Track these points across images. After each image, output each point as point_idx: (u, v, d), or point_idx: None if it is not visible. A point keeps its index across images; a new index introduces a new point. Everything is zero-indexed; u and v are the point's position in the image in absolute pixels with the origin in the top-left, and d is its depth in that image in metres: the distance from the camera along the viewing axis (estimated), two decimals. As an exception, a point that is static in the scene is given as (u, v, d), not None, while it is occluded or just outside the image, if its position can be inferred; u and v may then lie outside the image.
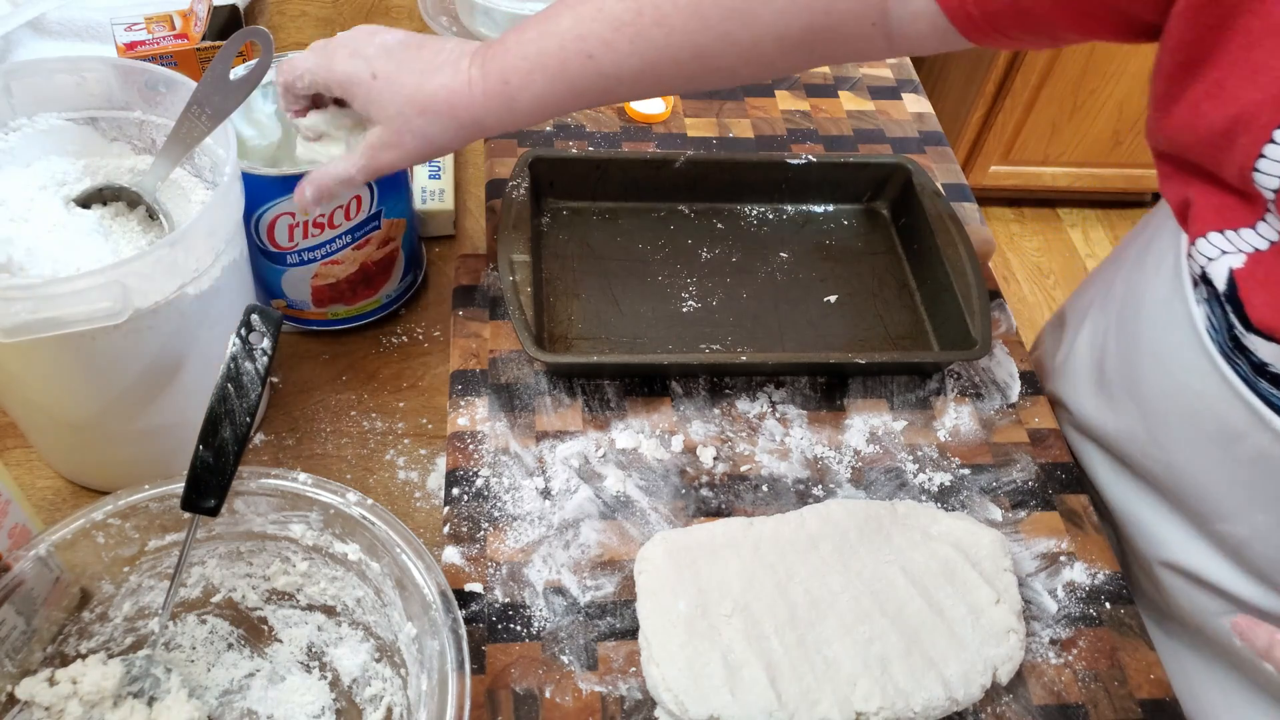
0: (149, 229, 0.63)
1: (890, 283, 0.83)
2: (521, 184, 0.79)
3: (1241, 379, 0.59)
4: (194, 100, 0.61)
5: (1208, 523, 0.65)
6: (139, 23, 0.87)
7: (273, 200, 0.68)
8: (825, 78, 1.03)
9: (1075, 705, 0.60)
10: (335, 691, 0.59)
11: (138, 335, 0.57)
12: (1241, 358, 0.59)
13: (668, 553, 0.61)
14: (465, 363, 0.73)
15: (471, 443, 0.69)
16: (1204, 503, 0.65)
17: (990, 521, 0.68)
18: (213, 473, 0.54)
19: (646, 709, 0.58)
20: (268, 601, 0.61)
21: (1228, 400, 0.60)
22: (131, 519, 0.56)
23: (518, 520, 0.65)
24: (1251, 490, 0.61)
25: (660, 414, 0.72)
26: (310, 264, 0.73)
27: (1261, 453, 0.59)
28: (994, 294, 0.83)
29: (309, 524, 0.58)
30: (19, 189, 0.62)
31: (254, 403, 0.55)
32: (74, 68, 0.64)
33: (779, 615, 0.58)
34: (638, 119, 0.94)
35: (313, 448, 0.72)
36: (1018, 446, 0.73)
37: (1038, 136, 2.22)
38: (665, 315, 0.78)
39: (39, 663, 0.55)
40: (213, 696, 0.58)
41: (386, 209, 0.73)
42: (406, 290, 0.82)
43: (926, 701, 0.57)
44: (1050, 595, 0.65)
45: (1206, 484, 0.64)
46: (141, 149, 0.68)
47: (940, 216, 0.81)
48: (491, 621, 0.60)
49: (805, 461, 0.70)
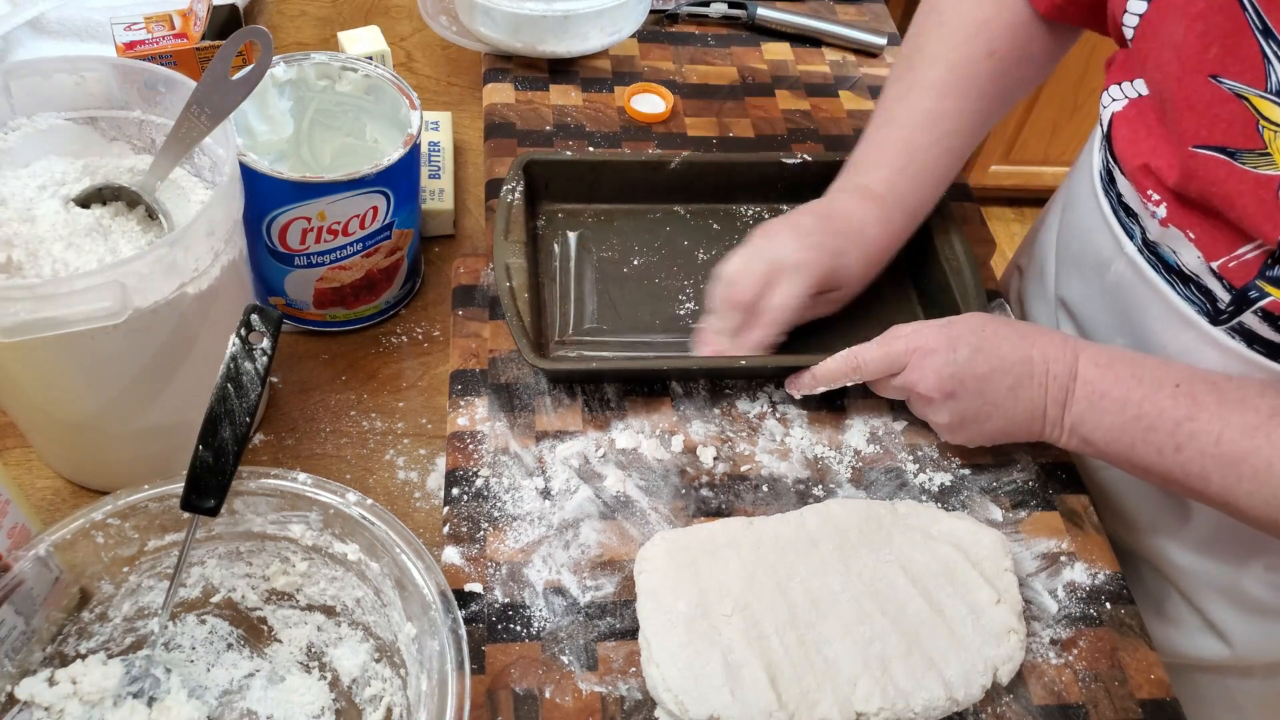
0: (148, 229, 0.63)
1: (890, 282, 0.83)
2: (516, 187, 0.79)
3: (1111, 210, 0.71)
4: (193, 100, 0.61)
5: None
6: (138, 22, 0.87)
7: (289, 205, 0.68)
8: (825, 78, 1.03)
9: (1075, 705, 0.60)
10: (335, 692, 0.59)
11: (137, 335, 0.57)
12: (1112, 191, 0.71)
13: (668, 553, 0.61)
14: (465, 362, 0.73)
15: (471, 443, 0.69)
16: (1090, 327, 0.76)
17: (990, 521, 0.68)
18: (212, 473, 0.54)
19: (646, 709, 0.58)
20: (267, 602, 0.61)
21: (1102, 230, 0.72)
22: (131, 519, 0.56)
23: (518, 520, 0.65)
24: (1115, 314, 0.72)
25: (660, 414, 0.72)
26: (318, 267, 0.73)
27: (1121, 278, 0.71)
28: (994, 294, 0.83)
29: (308, 524, 0.58)
30: (18, 189, 0.62)
31: (254, 403, 0.55)
32: (73, 67, 0.64)
33: (779, 615, 0.58)
34: (638, 118, 0.94)
35: (312, 448, 0.72)
36: (1018, 447, 0.73)
37: (1038, 136, 2.22)
38: (663, 317, 0.78)
39: (39, 663, 0.55)
40: (212, 697, 0.58)
41: (399, 220, 0.74)
42: (405, 297, 0.82)
43: (927, 702, 0.57)
44: (1050, 595, 0.65)
45: (1091, 311, 0.76)
46: (141, 149, 0.68)
47: (940, 216, 0.81)
48: (491, 622, 0.60)
49: (805, 461, 0.70)
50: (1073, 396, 0.63)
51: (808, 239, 0.71)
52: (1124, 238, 0.70)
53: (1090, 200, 0.74)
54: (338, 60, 0.76)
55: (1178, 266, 0.65)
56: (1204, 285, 0.63)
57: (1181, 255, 0.64)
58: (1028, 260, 0.91)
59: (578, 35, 0.94)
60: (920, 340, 0.65)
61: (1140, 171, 0.65)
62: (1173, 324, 0.66)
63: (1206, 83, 0.56)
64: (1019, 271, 0.92)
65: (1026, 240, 0.93)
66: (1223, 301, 0.62)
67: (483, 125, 0.93)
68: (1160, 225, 0.64)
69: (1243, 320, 0.61)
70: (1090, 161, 0.75)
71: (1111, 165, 0.70)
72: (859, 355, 0.67)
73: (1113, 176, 0.70)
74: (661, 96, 0.96)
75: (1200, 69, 0.57)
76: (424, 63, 1.05)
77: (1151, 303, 0.68)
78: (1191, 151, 0.59)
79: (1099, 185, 0.73)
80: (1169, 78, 0.59)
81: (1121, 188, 0.69)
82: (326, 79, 0.77)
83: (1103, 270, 0.73)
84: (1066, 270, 0.80)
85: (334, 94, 0.77)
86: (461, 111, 0.99)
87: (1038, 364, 0.63)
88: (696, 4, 1.07)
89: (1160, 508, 0.74)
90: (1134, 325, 0.70)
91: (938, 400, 0.65)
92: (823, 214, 0.73)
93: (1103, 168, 0.72)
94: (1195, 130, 0.58)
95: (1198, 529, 0.72)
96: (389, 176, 0.70)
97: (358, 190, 0.69)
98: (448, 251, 0.87)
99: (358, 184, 0.69)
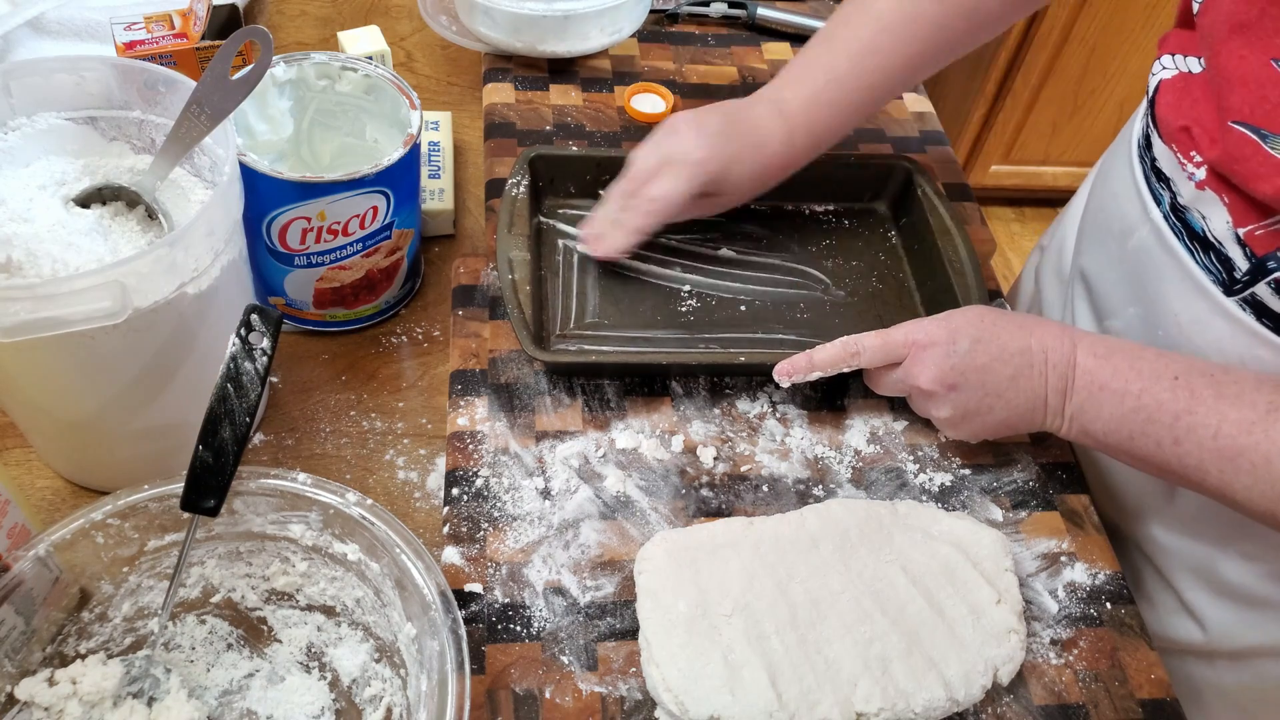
0: (148, 229, 0.63)
1: (890, 282, 0.83)
2: (521, 182, 0.79)
3: (1144, 176, 0.71)
4: (193, 100, 0.61)
5: (1103, 319, 0.77)
6: (138, 22, 0.87)
7: (289, 204, 0.68)
8: (825, 77, 1.03)
9: (1076, 705, 0.60)
10: (335, 692, 0.59)
11: (137, 335, 0.57)
12: (1148, 156, 0.71)
13: (668, 553, 0.61)
14: (465, 362, 0.73)
15: (471, 443, 0.69)
16: (1103, 298, 0.77)
17: (991, 521, 0.68)
18: (212, 473, 0.54)
19: (646, 709, 0.58)
20: (267, 602, 0.61)
21: (1130, 197, 0.72)
22: (131, 519, 0.56)
23: (517, 520, 0.65)
24: (1130, 283, 0.72)
25: (660, 414, 0.72)
26: (318, 267, 0.73)
27: (1143, 244, 0.70)
28: (994, 294, 0.83)
29: (308, 524, 0.58)
30: (18, 189, 0.62)
31: (254, 403, 0.55)
32: (73, 67, 0.64)
33: (779, 615, 0.58)
34: (638, 118, 0.94)
35: (312, 448, 0.72)
36: (1018, 446, 0.73)
37: (1038, 136, 2.22)
38: (664, 314, 0.78)
39: (38, 663, 0.55)
40: (212, 697, 0.58)
41: (399, 220, 0.74)
42: (405, 297, 0.82)
43: (927, 702, 0.57)
44: (1051, 595, 0.65)
45: (1107, 280, 0.76)
46: (141, 148, 0.67)
47: (941, 216, 0.81)
48: (491, 622, 0.60)
49: (806, 461, 0.70)
50: (1073, 386, 0.63)
51: (707, 139, 0.72)
52: (1151, 204, 0.70)
53: (1124, 168, 0.74)
54: (338, 60, 0.76)
55: (1202, 232, 0.65)
56: (1224, 254, 0.64)
57: (1210, 220, 0.64)
58: (1049, 238, 0.92)
59: (578, 35, 0.94)
60: (920, 333, 0.66)
61: (1181, 133, 0.65)
62: (1187, 292, 0.67)
63: (1267, 65, 0.57)
64: (1040, 250, 0.94)
65: (1051, 225, 0.95)
66: (1240, 270, 0.63)
67: (483, 125, 0.93)
68: (1196, 188, 0.65)
69: (1255, 291, 0.62)
70: (1128, 134, 0.76)
71: (1151, 130, 0.70)
72: (859, 342, 0.67)
73: (1150, 142, 0.70)
74: (661, 96, 0.96)
75: (1267, 51, 0.57)
76: (424, 63, 1.05)
77: (1169, 270, 0.68)
78: (1229, 125, 0.60)
79: (1135, 151, 0.73)
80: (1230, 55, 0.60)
81: (1158, 152, 0.69)
82: (326, 79, 0.77)
83: (1125, 238, 0.73)
84: (1088, 240, 0.80)
85: (334, 94, 0.77)
86: (461, 111, 0.99)
87: (1037, 353, 0.64)
88: (697, 4, 1.07)
89: (1146, 485, 0.74)
90: (1149, 293, 0.70)
91: (939, 394, 0.65)
92: (732, 118, 0.74)
93: (1142, 134, 0.72)
94: (1239, 106, 0.59)
95: (1181, 508, 0.72)
96: (389, 176, 0.70)
97: (358, 190, 0.69)
98: (448, 251, 0.87)
99: (358, 184, 0.69)
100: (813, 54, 0.77)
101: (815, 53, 0.77)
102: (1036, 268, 0.93)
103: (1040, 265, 0.92)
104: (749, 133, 0.74)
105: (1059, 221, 0.91)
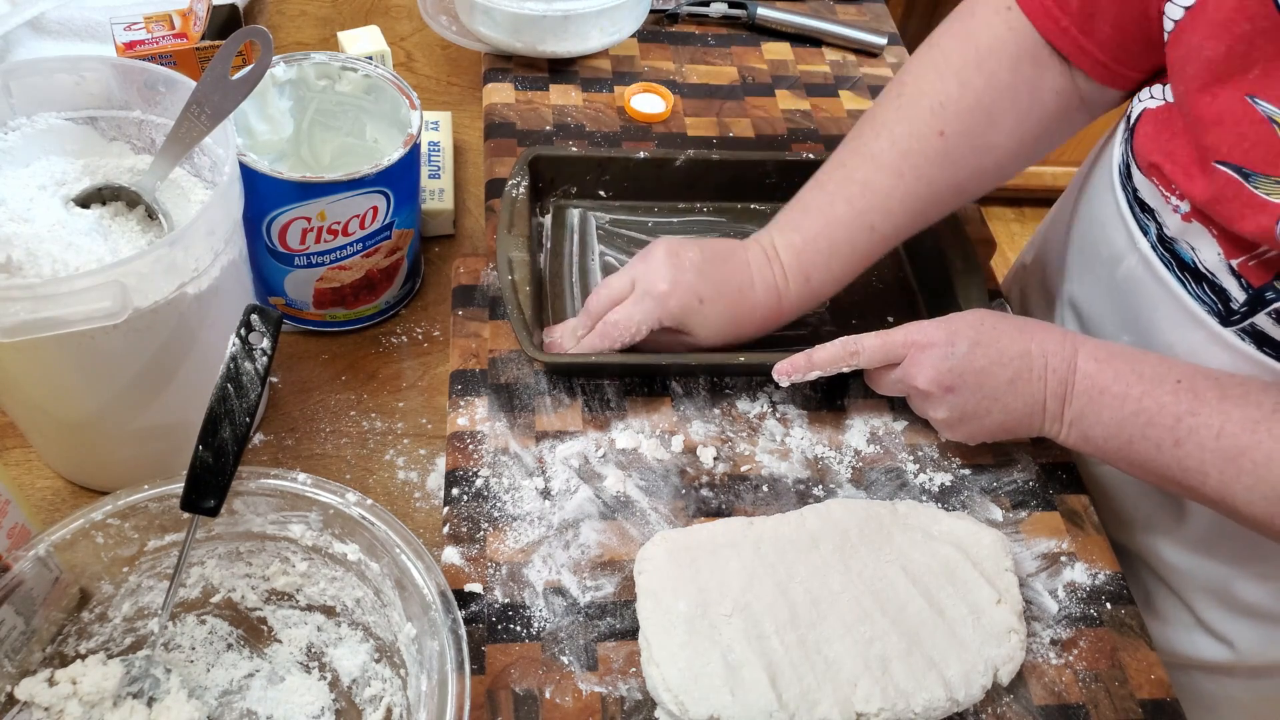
0: (148, 229, 0.63)
1: (890, 282, 0.83)
2: (521, 182, 0.79)
3: (1127, 205, 0.70)
4: (193, 100, 0.61)
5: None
6: (138, 22, 0.87)
7: (289, 205, 0.68)
8: (825, 78, 1.03)
9: (1076, 705, 0.60)
10: (335, 692, 0.59)
11: (137, 335, 0.57)
12: (1129, 185, 0.70)
13: (668, 553, 0.61)
14: (465, 363, 0.73)
15: (471, 443, 0.69)
16: (1095, 326, 0.76)
17: (991, 521, 0.68)
18: (212, 473, 0.54)
19: (646, 709, 0.58)
20: (267, 602, 0.61)
21: (1116, 225, 0.72)
22: (131, 519, 0.56)
23: (517, 520, 0.65)
24: (1122, 312, 0.72)
25: (660, 414, 0.72)
26: (318, 267, 0.73)
27: (1132, 273, 0.70)
28: (994, 294, 0.83)
29: (308, 524, 0.58)
30: (18, 189, 0.62)
31: (254, 403, 0.55)
32: (73, 67, 0.64)
33: (779, 615, 0.58)
34: (638, 118, 0.94)
35: (312, 448, 0.72)
36: (1018, 446, 0.73)
37: (1038, 136, 2.21)
38: (665, 315, 0.78)
39: (38, 663, 0.55)
40: (212, 697, 0.58)
41: (399, 220, 0.74)
42: (405, 297, 0.82)
43: (927, 702, 0.57)
44: (1051, 595, 0.65)
45: (1098, 308, 0.75)
46: (141, 148, 0.68)
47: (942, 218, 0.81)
48: (491, 622, 0.60)
49: (806, 461, 0.70)
50: (1072, 391, 0.63)
51: (679, 274, 0.68)
52: (1138, 233, 0.69)
53: (1107, 194, 0.73)
54: (338, 60, 0.76)
55: (1193, 264, 0.64)
56: (1218, 284, 0.63)
57: (1200, 252, 0.64)
58: (1031, 256, 0.90)
59: (578, 35, 0.94)
60: (919, 335, 0.66)
61: (1153, 170, 0.65)
62: (1181, 324, 0.66)
63: (1241, 101, 0.56)
64: (1023, 268, 0.92)
65: (1033, 238, 0.93)
66: (1236, 301, 0.62)
67: (483, 125, 0.93)
68: (1183, 220, 0.64)
69: (1255, 321, 0.61)
70: (1109, 156, 0.75)
71: (1130, 160, 0.69)
72: (858, 342, 0.67)
73: (1130, 172, 0.70)
74: (661, 96, 0.96)
75: (1240, 87, 0.56)
76: (424, 63, 1.05)
77: (1161, 301, 0.67)
78: (1212, 166, 0.59)
79: (1117, 179, 0.72)
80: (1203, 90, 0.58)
81: (1138, 183, 0.69)
82: (326, 79, 0.77)
83: (1114, 266, 0.72)
84: (1076, 266, 0.79)
85: (334, 94, 0.78)
86: (461, 111, 0.99)
87: (1036, 358, 0.63)
88: (696, 4, 1.07)
89: (1156, 505, 0.74)
90: (1141, 324, 0.70)
91: (936, 395, 0.65)
92: (718, 256, 0.70)
93: (1122, 162, 0.72)
94: (1216, 145, 0.58)
95: (1193, 529, 0.72)
96: (389, 176, 0.70)
97: (358, 190, 0.69)
98: (448, 251, 0.87)
99: (358, 184, 0.69)
100: (808, 198, 0.72)
101: (809, 197, 0.72)
102: (1021, 287, 0.90)
103: (1026, 284, 0.90)
104: (733, 274, 0.70)
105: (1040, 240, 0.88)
